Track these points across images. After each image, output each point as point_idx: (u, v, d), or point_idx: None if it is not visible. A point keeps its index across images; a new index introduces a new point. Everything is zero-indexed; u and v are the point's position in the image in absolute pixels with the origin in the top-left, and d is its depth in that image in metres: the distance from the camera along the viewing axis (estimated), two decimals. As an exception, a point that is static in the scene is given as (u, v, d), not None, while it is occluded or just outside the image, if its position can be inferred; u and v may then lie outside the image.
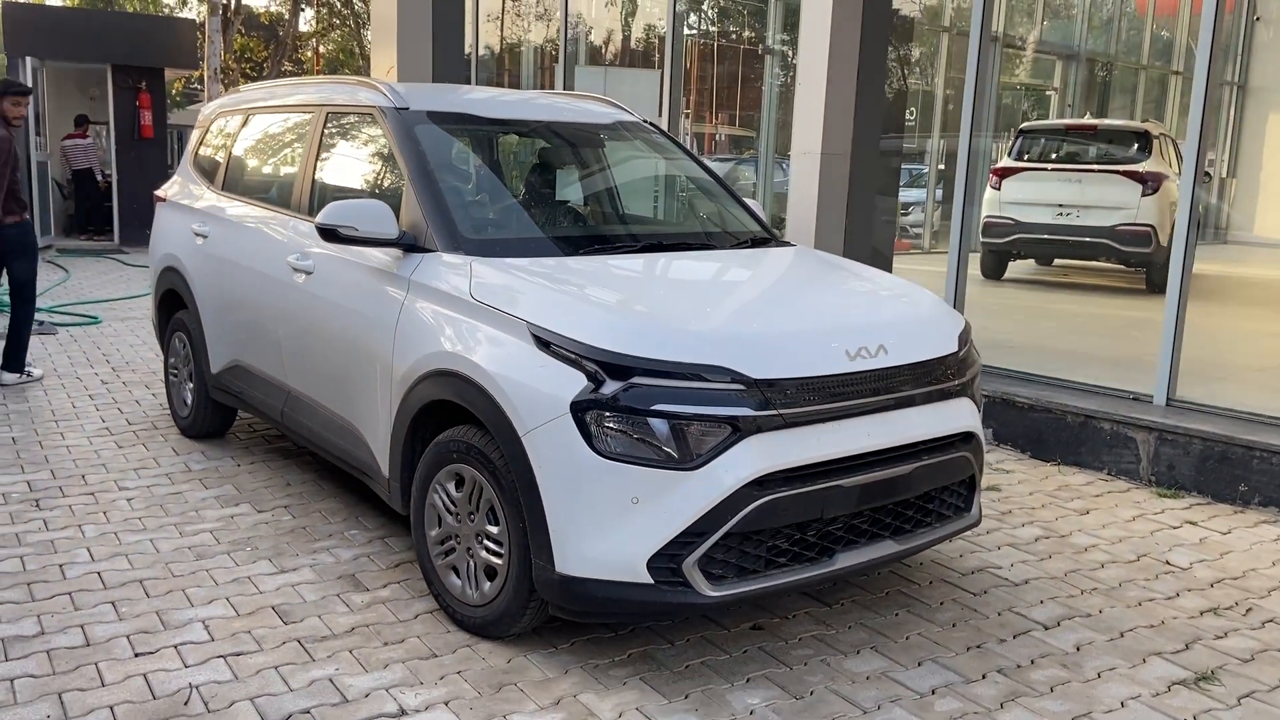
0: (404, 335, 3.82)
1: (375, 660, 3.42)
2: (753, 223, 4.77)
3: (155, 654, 3.43)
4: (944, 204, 16.80)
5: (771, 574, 3.32)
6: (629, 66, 11.68)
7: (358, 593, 3.94)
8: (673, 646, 3.57)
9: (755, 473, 3.15)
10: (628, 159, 5.05)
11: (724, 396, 3.17)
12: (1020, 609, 3.98)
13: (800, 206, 7.17)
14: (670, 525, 3.12)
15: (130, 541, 4.38)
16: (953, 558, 4.46)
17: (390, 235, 3.90)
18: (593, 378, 3.16)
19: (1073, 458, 5.89)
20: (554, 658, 3.47)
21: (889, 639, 3.69)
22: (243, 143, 5.51)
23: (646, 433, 3.12)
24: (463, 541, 3.61)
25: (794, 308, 3.79)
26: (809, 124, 7.06)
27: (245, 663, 3.38)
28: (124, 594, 3.87)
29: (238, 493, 5.04)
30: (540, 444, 3.21)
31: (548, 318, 3.35)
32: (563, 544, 3.20)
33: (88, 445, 5.75)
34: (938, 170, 16.90)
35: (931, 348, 3.67)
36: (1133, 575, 4.35)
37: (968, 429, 3.75)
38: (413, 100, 4.42)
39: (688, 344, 3.23)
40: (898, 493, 3.54)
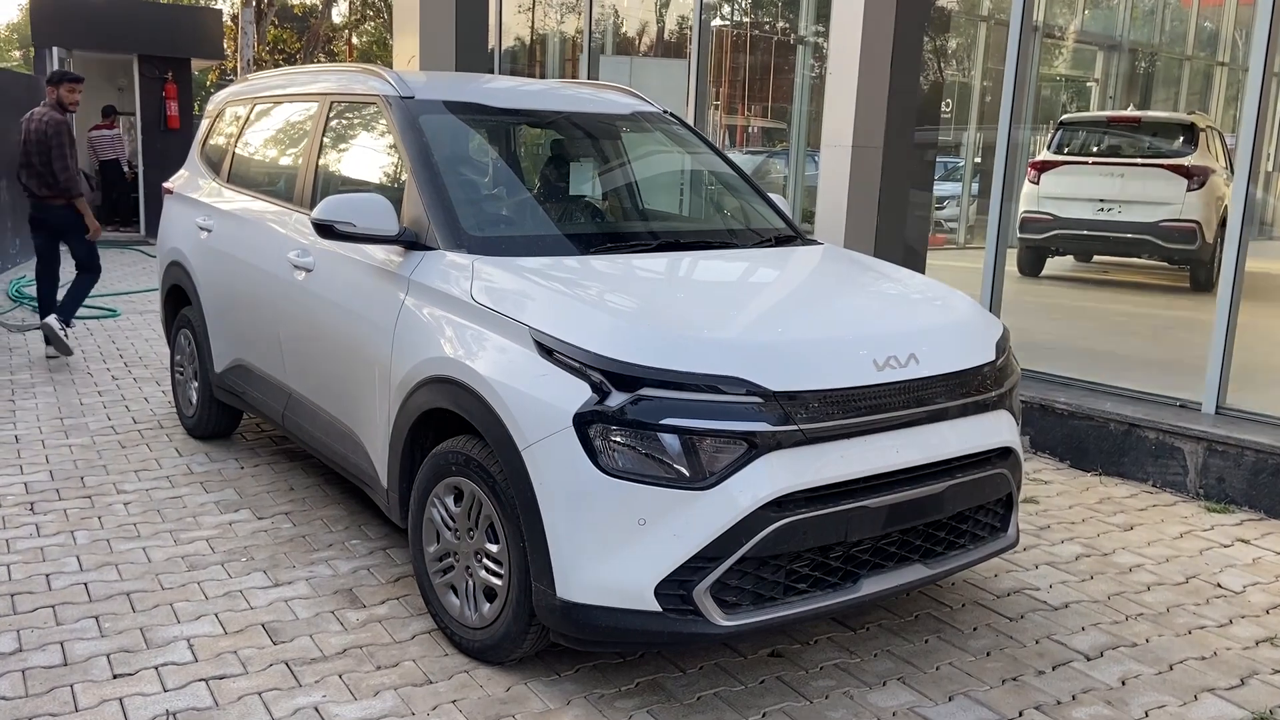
0: (402, 338, 3.60)
1: (366, 686, 3.21)
2: (778, 220, 4.51)
3: (134, 676, 3.23)
4: (980, 198, 16.42)
5: (790, 601, 3.07)
6: (657, 56, 11.40)
7: (354, 609, 3.73)
8: (684, 675, 3.33)
9: (773, 493, 2.90)
10: (647, 152, 4.80)
11: (740, 410, 2.92)
12: (1060, 636, 3.70)
13: (830, 201, 6.89)
14: (680, 549, 2.88)
15: (122, 550, 4.20)
16: (987, 578, 4.18)
17: (389, 231, 3.68)
18: (598, 389, 2.92)
19: (1115, 468, 5.59)
20: (556, 686, 3.24)
21: (917, 669, 3.43)
22: (248, 133, 5.32)
23: (655, 449, 2.88)
24: (461, 559, 3.39)
25: (818, 313, 3.52)
26: (840, 115, 6.78)
27: (228, 687, 3.18)
28: (109, 608, 3.68)
29: (239, 498, 4.85)
30: (541, 459, 2.98)
31: (551, 323, 3.11)
32: (564, 568, 2.97)
33: (91, 445, 5.59)
34: (974, 163, 16.52)
35: (967, 356, 3.40)
36: (1181, 599, 4.06)
37: (1005, 444, 3.47)
38: (419, 89, 4.19)
39: (701, 353, 2.98)
40: (929, 513, 3.28)
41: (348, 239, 3.68)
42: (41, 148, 7.38)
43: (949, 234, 16.48)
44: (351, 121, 4.45)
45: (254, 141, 5.26)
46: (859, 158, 6.77)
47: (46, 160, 7.39)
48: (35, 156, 7.44)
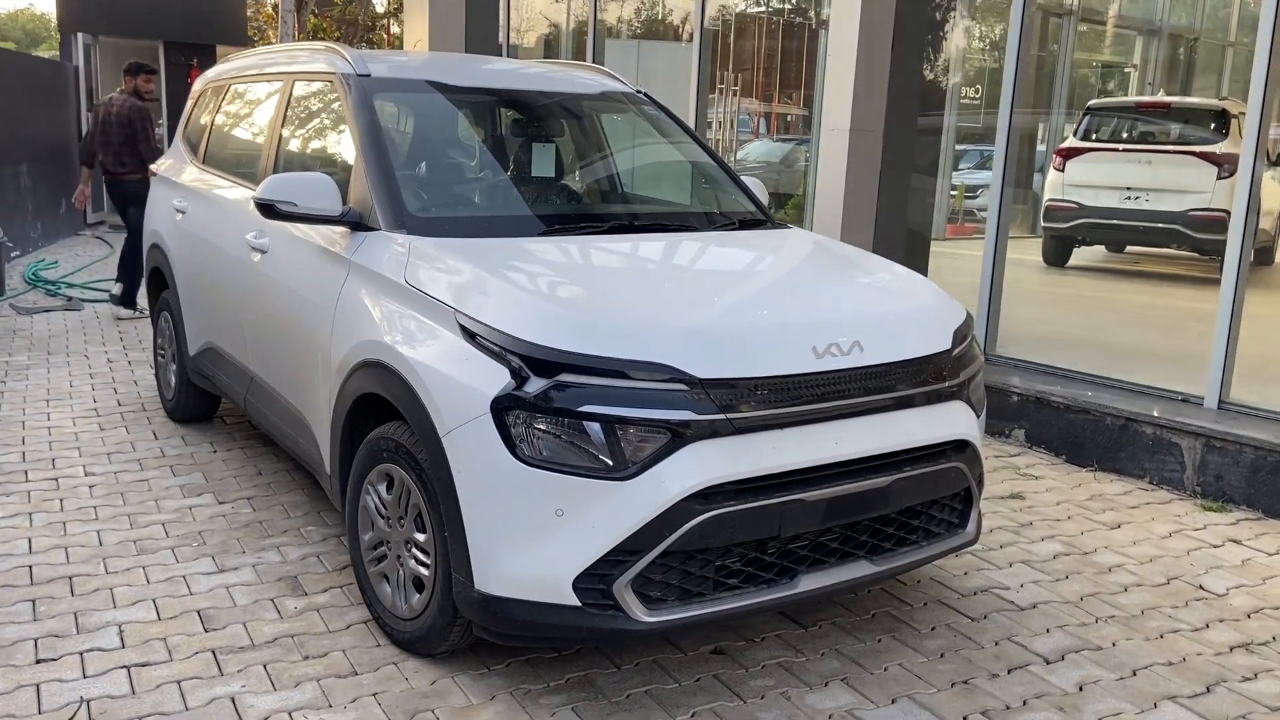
0: (340, 321, 3.51)
1: (288, 677, 3.13)
2: (747, 203, 4.37)
3: (57, 661, 3.19)
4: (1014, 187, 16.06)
5: (720, 598, 2.94)
6: (667, 40, 11.24)
7: (294, 597, 3.66)
8: (618, 671, 3.22)
9: (697, 484, 2.78)
10: (613, 133, 4.67)
11: (664, 397, 2.80)
12: (1021, 638, 3.54)
13: (828, 186, 6.72)
14: (598, 542, 2.77)
15: (76, 533, 4.16)
16: (955, 575, 4.03)
17: (332, 211, 3.60)
18: (516, 374, 2.81)
19: (1111, 464, 5.39)
20: (483, 680, 3.14)
21: (864, 670, 3.29)
22: (222, 115, 5.26)
23: (574, 437, 2.77)
24: (393, 549, 3.30)
25: (759, 298, 3.38)
26: (838, 98, 6.60)
27: (148, 675, 3.12)
28: (48, 591, 3.64)
29: (205, 481, 4.80)
30: (459, 446, 2.88)
31: (476, 305, 3.01)
32: (482, 559, 2.87)
33: (70, 426, 5.59)
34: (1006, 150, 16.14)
35: (918, 345, 3.25)
36: (1158, 601, 3.88)
37: (961, 436, 3.32)
38: (375, 67, 4.09)
39: (625, 337, 2.86)
40: (873, 508, 3.13)
41: (290, 219, 3.60)
42: (123, 130, 8.39)
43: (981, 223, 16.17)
44: (311, 101, 4.37)
45: (225, 123, 5.21)
46: (858, 142, 6.60)
47: (126, 141, 8.39)
48: (116, 137, 8.42)
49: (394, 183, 3.62)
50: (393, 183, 3.61)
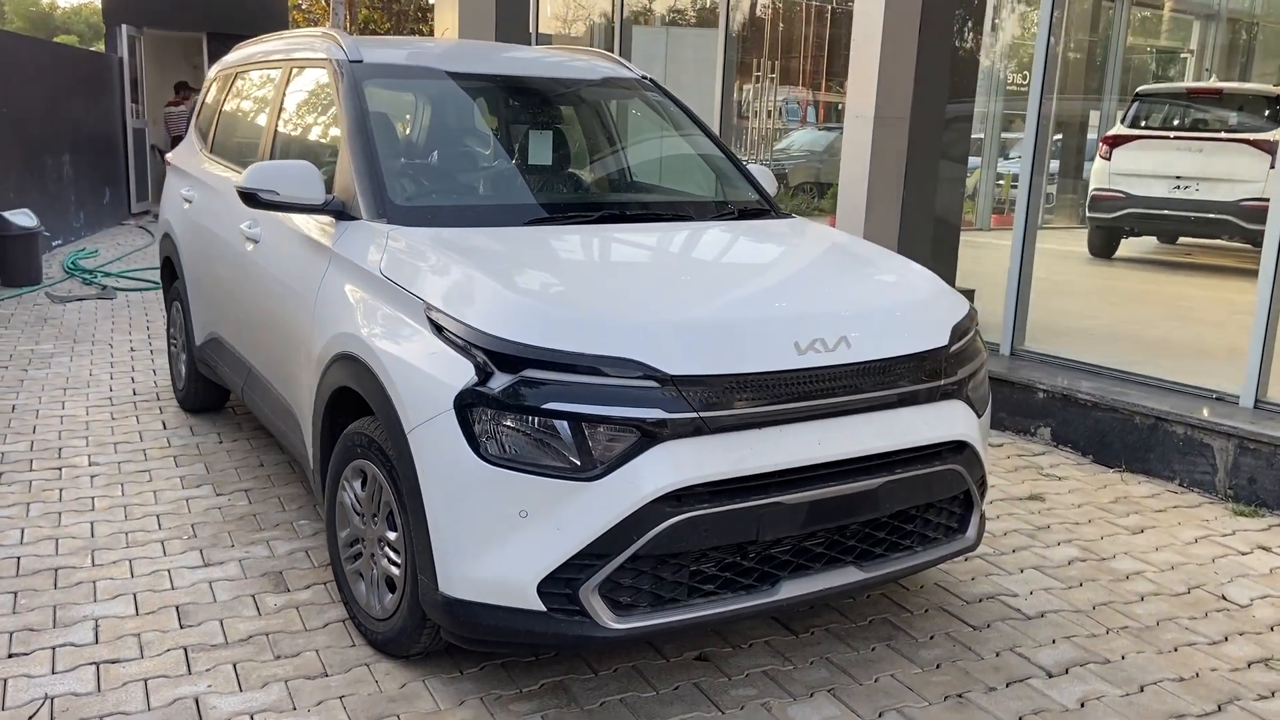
0: (320, 312, 3.44)
1: (257, 677, 3.06)
2: (751, 193, 4.22)
3: (29, 656, 3.15)
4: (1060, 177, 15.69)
5: (695, 604, 2.82)
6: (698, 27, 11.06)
7: (276, 594, 3.60)
8: (595, 677, 3.11)
9: (668, 486, 2.65)
10: (613, 119, 4.55)
11: (633, 395, 2.67)
12: (1025, 649, 3.37)
13: (851, 175, 6.54)
14: (564, 545, 2.66)
15: (69, 524, 4.14)
16: (961, 580, 3.86)
17: (314, 200, 3.52)
18: (480, 369, 2.71)
19: (1140, 465, 5.16)
20: (454, 684, 3.05)
21: (853, 680, 3.15)
22: (227, 103, 5.22)
23: (538, 435, 2.66)
24: (367, 546, 3.22)
25: (742, 291, 3.23)
26: (863, 84, 6.41)
27: (116, 672, 3.07)
28: (31, 584, 3.61)
29: (206, 473, 4.77)
30: (424, 443, 2.78)
31: (444, 297, 2.91)
32: (445, 561, 2.77)
33: (83, 415, 5.60)
34: (1051, 140, 15.78)
35: (911, 341, 3.09)
36: (1176, 612, 3.68)
37: (959, 437, 3.15)
38: (368, 53, 4.01)
39: (593, 332, 2.74)
40: (861, 512, 2.99)
41: (272, 207, 3.53)
42: None
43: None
44: (306, 87, 4.30)
45: (230, 111, 5.16)
46: (882, 130, 6.40)
47: None
48: None
49: (377, 171, 3.53)
50: (376, 171, 3.53)
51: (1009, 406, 5.72)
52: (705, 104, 8.32)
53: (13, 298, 9.00)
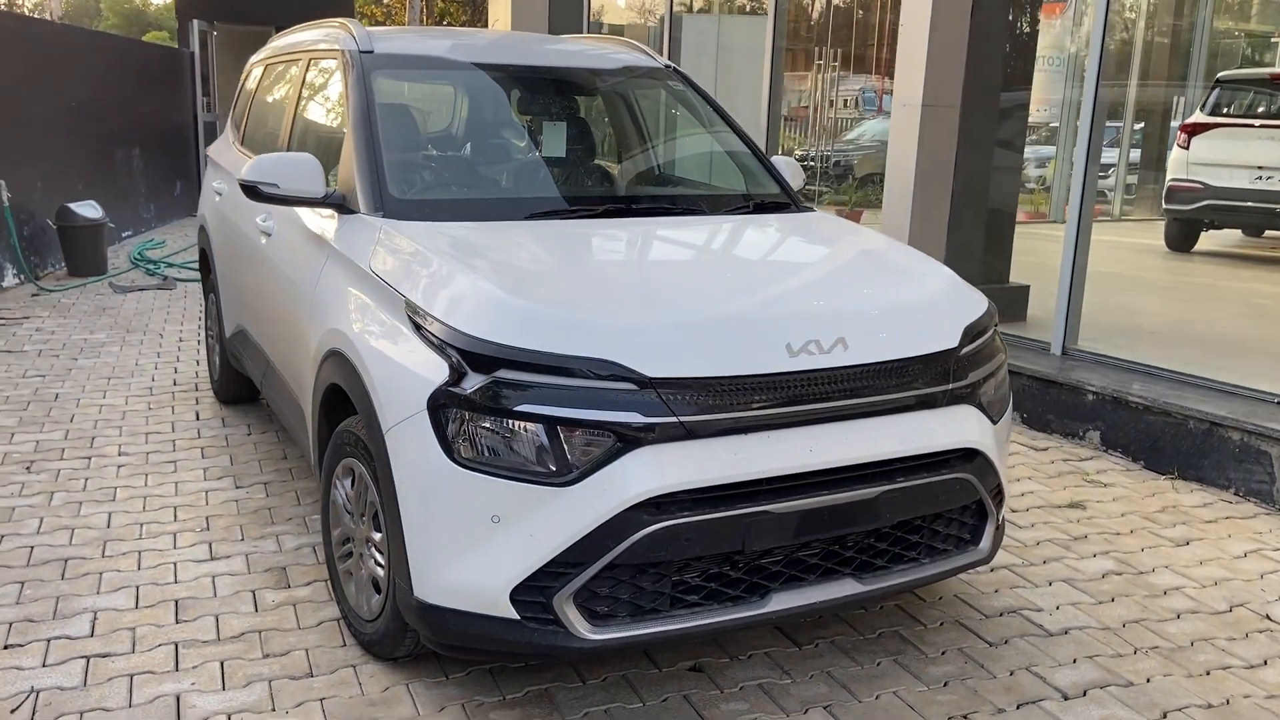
0: (317, 307, 3.39)
1: (241, 676, 3.03)
2: (772, 186, 4.07)
3: (24, 648, 3.16)
4: (1142, 169, 15.11)
5: (677, 616, 2.70)
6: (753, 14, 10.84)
7: (276, 590, 3.58)
8: (583, 686, 3.01)
9: (645, 493, 2.54)
10: (629, 110, 4.43)
11: (610, 397, 2.57)
12: (1042, 668, 3.19)
13: (898, 165, 6.33)
14: (537, 552, 2.56)
15: (88, 514, 4.18)
16: (982, 592, 3.68)
17: (314, 193, 3.47)
18: (455, 369, 2.62)
19: (1193, 472, 4.89)
20: (438, 689, 2.98)
21: (852, 697, 3.00)
22: (257, 94, 5.23)
23: (510, 438, 2.57)
24: (357, 546, 3.16)
25: (733, 290, 3.09)
26: (910, 71, 6.19)
27: (105, 667, 3.06)
28: (39, 574, 3.64)
29: (229, 465, 4.79)
30: (399, 443, 2.71)
31: (425, 294, 2.83)
32: (419, 565, 2.70)
33: (121, 405, 5.68)
34: (1132, 128, 15.22)
35: (916, 342, 2.92)
36: (1214, 632, 3.45)
37: (969, 444, 2.98)
38: (379, 43, 3.95)
39: (570, 332, 2.63)
40: (858, 522, 2.84)
41: (273, 200, 3.49)
42: None
43: (1104, 204, 15.26)
44: (322, 78, 4.27)
45: (258, 103, 5.17)
46: (930, 118, 6.17)
47: None
48: None
49: (377, 163, 3.47)
50: (376, 163, 3.47)
51: (1057, 409, 5.47)
52: (753, 93, 8.15)
53: (77, 287, 9.22)
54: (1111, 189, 15.20)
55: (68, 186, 10.30)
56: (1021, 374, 5.62)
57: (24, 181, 9.41)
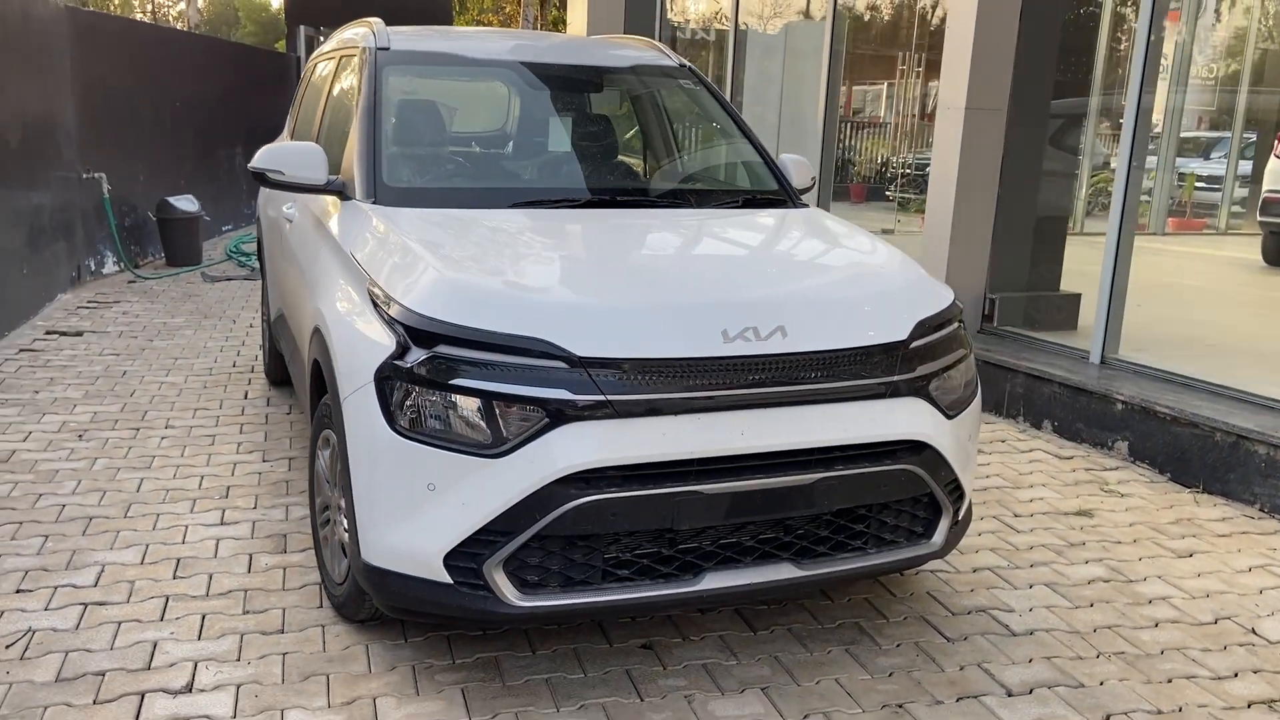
0: (312, 289, 3.60)
1: (218, 628, 3.25)
2: (771, 182, 4.13)
3: (32, 593, 3.44)
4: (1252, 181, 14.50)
5: (607, 589, 2.80)
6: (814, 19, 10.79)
7: (272, 554, 3.79)
8: (531, 656, 3.13)
9: (570, 467, 2.65)
10: (635, 106, 4.53)
11: (541, 375, 2.68)
12: (993, 666, 3.18)
13: (941, 170, 6.28)
14: (468, 519, 2.70)
15: (122, 479, 4.49)
16: (957, 591, 3.67)
17: (317, 181, 3.68)
18: (400, 343, 2.78)
19: (1219, 486, 4.75)
20: (394, 651, 3.14)
21: (792, 681, 3.05)
22: (307, 90, 5.51)
23: (446, 411, 2.71)
24: (332, 513, 3.35)
25: (676, 277, 3.17)
26: (955, 74, 6.14)
27: (98, 614, 3.32)
28: (64, 530, 3.94)
29: (263, 440, 5.07)
30: (351, 414, 2.88)
31: (384, 272, 3.00)
32: (365, 529, 2.86)
33: (180, 384, 6.03)
34: (1241, 138, 14.62)
35: (860, 334, 2.96)
36: (1189, 642, 3.38)
37: (913, 436, 3.00)
38: (396, 41, 4.16)
39: (506, 311, 2.76)
40: (794, 507, 2.89)
41: (279, 186, 3.72)
42: None
43: (1209, 216, 14.70)
44: (347, 74, 4.49)
45: (305, 97, 5.45)
46: (974, 122, 6.12)
47: None
48: None
49: (374, 152, 3.66)
50: (373, 152, 3.66)
51: (1086, 417, 5.37)
52: (812, 98, 8.16)
53: (171, 276, 9.77)
54: (1218, 202, 14.63)
55: (171, 181, 10.91)
56: (1052, 381, 5.53)
57: (129, 176, 10.03)
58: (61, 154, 8.58)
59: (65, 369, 6.25)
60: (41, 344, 6.85)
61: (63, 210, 8.53)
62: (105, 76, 9.62)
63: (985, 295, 6.41)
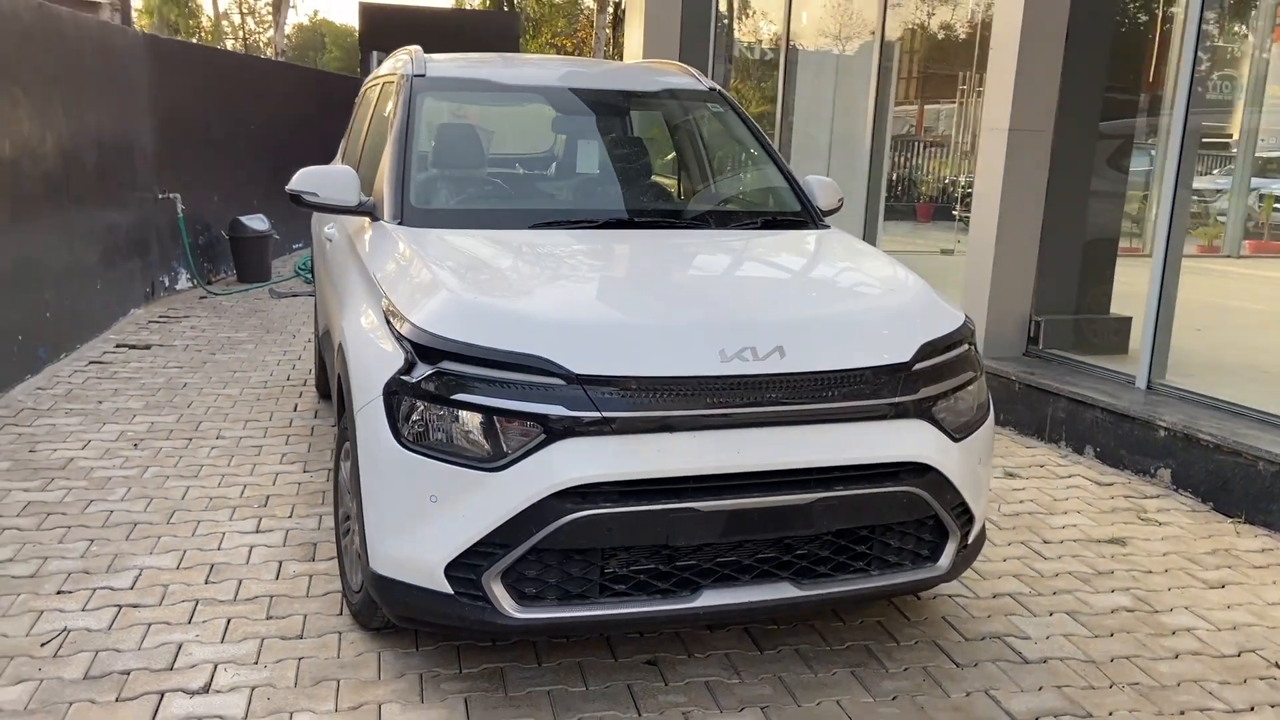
0: (341, 304, 3.73)
1: (240, 632, 3.37)
2: (794, 203, 4.16)
3: (72, 594, 3.61)
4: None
5: (604, 603, 2.86)
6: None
7: (301, 562, 3.92)
8: (537, 669, 3.20)
9: (564, 482, 2.72)
10: (664, 129, 4.60)
11: (538, 391, 2.76)
12: (1000, 694, 3.15)
13: (984, 192, 6.24)
14: (468, 531, 2.78)
15: (170, 487, 4.67)
16: (974, 617, 3.64)
17: (348, 202, 3.83)
18: (407, 359, 2.88)
19: (1261, 516, 4.63)
20: (404, 659, 3.23)
21: (793, 701, 3.06)
22: (356, 115, 5.70)
23: (448, 425, 2.80)
24: (352, 523, 3.46)
25: (677, 297, 3.22)
26: (998, 94, 6.11)
27: (130, 615, 3.47)
28: (108, 534, 4.12)
29: (306, 452, 5.23)
30: (362, 424, 2.99)
31: (398, 292, 3.11)
32: (373, 538, 2.96)
33: (236, 396, 6.25)
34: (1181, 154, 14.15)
35: (861, 355, 2.98)
36: (1208, 674, 3.31)
37: (914, 459, 3.00)
38: (432, 68, 4.30)
39: (507, 329, 2.84)
40: (791, 526, 2.92)
41: (312, 208, 3.87)
42: None
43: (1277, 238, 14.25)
44: (387, 100, 4.64)
45: (354, 123, 5.63)
46: (1018, 143, 6.07)
47: None
48: None
49: (403, 175, 3.79)
50: (402, 175, 3.79)
51: (1129, 444, 5.27)
52: (864, 118, 8.15)
53: (240, 292, 10.10)
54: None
55: (243, 201, 11.29)
56: (1095, 406, 5.44)
57: (203, 196, 10.41)
58: (138, 175, 8.96)
59: (130, 380, 6.52)
60: (110, 356, 7.15)
61: (139, 229, 8.90)
62: (183, 101, 10.02)
63: (1030, 317, 6.33)
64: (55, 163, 7.12)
